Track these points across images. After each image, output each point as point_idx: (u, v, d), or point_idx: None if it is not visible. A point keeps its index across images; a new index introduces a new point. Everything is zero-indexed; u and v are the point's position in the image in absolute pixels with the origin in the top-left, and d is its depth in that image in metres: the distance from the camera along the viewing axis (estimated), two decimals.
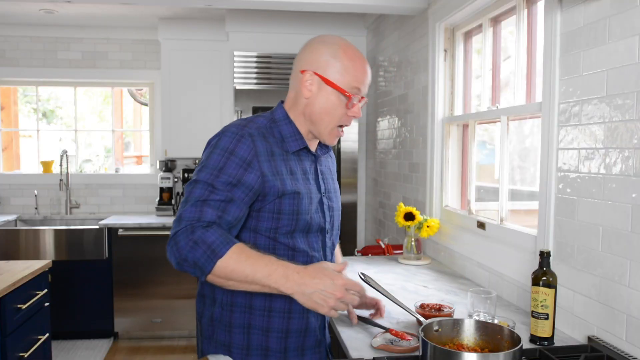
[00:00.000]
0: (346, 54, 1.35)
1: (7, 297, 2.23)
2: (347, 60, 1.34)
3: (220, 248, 1.18)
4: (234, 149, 1.29)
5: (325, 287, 1.19)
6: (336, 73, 1.34)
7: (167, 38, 4.18)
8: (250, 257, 1.20)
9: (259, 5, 2.99)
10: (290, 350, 1.40)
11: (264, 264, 1.19)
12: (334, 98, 1.34)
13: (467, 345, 1.32)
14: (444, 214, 2.72)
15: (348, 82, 1.34)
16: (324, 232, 1.45)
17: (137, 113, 5.87)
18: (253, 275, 1.19)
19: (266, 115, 1.43)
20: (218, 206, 1.24)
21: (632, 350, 1.35)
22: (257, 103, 4.47)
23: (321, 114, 1.36)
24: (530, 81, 2.07)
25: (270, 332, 1.38)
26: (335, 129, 1.39)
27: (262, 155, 1.31)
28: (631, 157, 1.36)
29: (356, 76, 1.34)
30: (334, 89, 1.34)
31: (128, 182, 4.65)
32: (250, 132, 1.32)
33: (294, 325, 1.40)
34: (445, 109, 2.74)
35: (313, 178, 1.43)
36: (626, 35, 1.37)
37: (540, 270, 1.50)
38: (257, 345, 1.38)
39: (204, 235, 1.18)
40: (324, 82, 1.34)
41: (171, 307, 4.03)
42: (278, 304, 1.38)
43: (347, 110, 1.36)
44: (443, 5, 2.63)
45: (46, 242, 3.91)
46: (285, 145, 1.38)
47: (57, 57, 4.50)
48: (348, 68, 1.34)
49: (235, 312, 1.38)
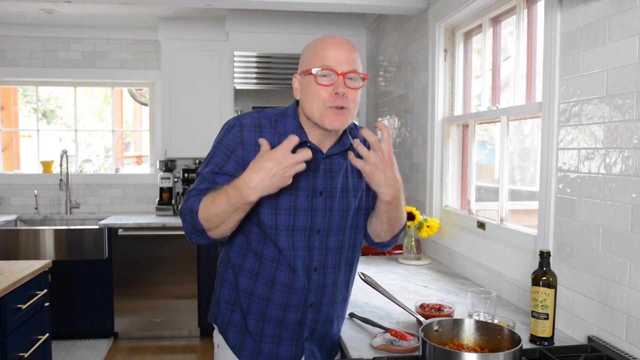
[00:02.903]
0: (316, 41, 1.38)
1: (7, 297, 2.23)
2: (316, 46, 1.37)
3: (194, 205, 1.32)
4: (222, 138, 1.41)
5: (270, 168, 1.22)
6: (307, 61, 1.37)
7: (167, 38, 4.18)
8: (211, 197, 1.30)
9: (259, 5, 2.99)
10: (266, 336, 1.46)
11: (221, 196, 1.28)
12: (310, 82, 1.36)
13: (467, 345, 1.32)
14: (444, 214, 2.72)
15: (314, 62, 1.34)
16: (312, 232, 1.42)
17: (137, 113, 5.88)
18: (221, 209, 1.28)
19: (280, 109, 1.47)
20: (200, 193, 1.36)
21: (632, 350, 1.35)
22: (257, 103, 4.48)
23: (306, 101, 1.38)
24: (530, 81, 2.07)
25: (249, 314, 1.46)
26: (327, 110, 1.34)
27: (249, 144, 1.37)
28: (631, 157, 1.36)
29: (324, 55, 1.33)
30: (306, 75, 1.36)
31: (128, 182, 4.65)
32: (242, 122, 1.40)
33: (271, 313, 1.44)
34: (445, 109, 2.74)
35: (310, 175, 1.40)
36: (626, 35, 1.37)
37: (540, 270, 1.50)
38: (236, 323, 1.48)
39: (186, 205, 1.35)
40: (302, 75, 1.38)
41: (171, 307, 4.03)
42: (259, 290, 1.44)
43: (326, 87, 1.32)
44: (443, 5, 2.63)
45: (46, 242, 3.91)
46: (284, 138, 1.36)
47: (57, 57, 4.49)
48: (315, 49, 1.36)
49: (224, 287, 1.50)
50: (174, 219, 4.19)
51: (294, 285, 1.42)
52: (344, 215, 1.46)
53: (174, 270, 4.02)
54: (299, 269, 1.42)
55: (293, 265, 1.41)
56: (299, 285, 1.42)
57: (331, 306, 1.50)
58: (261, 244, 1.42)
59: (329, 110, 1.34)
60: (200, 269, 4.04)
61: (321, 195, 1.42)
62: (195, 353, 3.84)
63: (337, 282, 1.50)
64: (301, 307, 1.45)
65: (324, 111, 1.34)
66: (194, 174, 4.30)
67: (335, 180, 1.45)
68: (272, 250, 1.41)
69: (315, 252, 1.44)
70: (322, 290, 1.47)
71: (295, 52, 4.05)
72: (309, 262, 1.43)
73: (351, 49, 1.37)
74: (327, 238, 1.45)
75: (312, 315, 1.47)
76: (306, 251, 1.43)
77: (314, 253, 1.44)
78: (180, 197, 4.44)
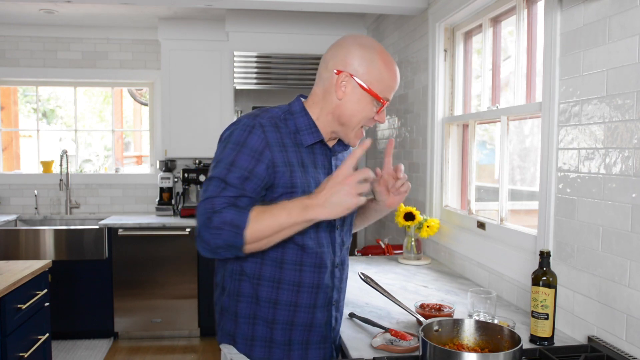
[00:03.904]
0: (382, 60, 1.35)
1: (7, 297, 2.23)
2: (383, 67, 1.34)
3: (240, 220, 1.21)
4: (245, 140, 1.30)
5: (332, 187, 1.19)
6: (372, 78, 1.33)
7: (167, 38, 4.19)
8: (267, 211, 1.22)
9: (259, 5, 2.99)
10: (294, 343, 1.41)
11: (280, 210, 1.21)
12: (367, 102, 1.35)
13: (467, 345, 1.32)
14: (444, 214, 2.72)
15: (381, 89, 1.35)
16: (333, 228, 1.44)
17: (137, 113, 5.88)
18: (278, 224, 1.21)
19: (282, 107, 1.43)
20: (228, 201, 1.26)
21: (632, 350, 1.35)
22: (257, 103, 4.48)
23: (351, 116, 1.36)
24: (530, 81, 2.07)
25: (276, 324, 1.39)
26: (359, 130, 1.40)
27: (274, 145, 1.32)
28: (631, 157, 1.36)
29: (389, 84, 1.36)
30: (368, 93, 1.34)
31: (128, 182, 4.65)
32: (262, 123, 1.33)
33: (300, 319, 1.40)
34: (445, 109, 2.74)
35: (325, 172, 1.42)
36: (626, 35, 1.37)
37: (540, 270, 1.50)
38: (261, 336, 1.40)
39: (222, 217, 1.21)
40: (358, 86, 1.34)
41: (171, 307, 4.03)
42: (284, 296, 1.38)
43: (374, 112, 1.37)
44: (443, 5, 2.63)
45: (46, 242, 3.91)
46: (299, 137, 1.37)
47: (57, 57, 4.50)
48: (383, 75, 1.34)
49: (241, 302, 1.40)
50: (174, 219, 4.19)
51: (320, 285, 1.41)
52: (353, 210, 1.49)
53: (174, 270, 4.02)
54: (327, 267, 1.41)
55: (320, 263, 1.39)
56: (326, 282, 1.42)
57: (344, 300, 1.55)
58: (281, 249, 1.36)
59: (360, 130, 1.40)
60: (200, 269, 4.04)
61: None
62: (195, 353, 3.84)
63: (347, 275, 1.55)
64: (327, 306, 1.44)
65: (358, 131, 1.40)
66: (194, 174, 4.29)
67: None
68: (294, 253, 1.37)
69: (337, 248, 1.46)
70: (341, 287, 1.50)
71: (295, 52, 4.05)
72: (334, 259, 1.45)
73: None
74: (343, 233, 1.48)
75: (335, 313, 1.49)
76: (330, 247, 1.43)
77: (337, 249, 1.46)
78: (180, 197, 4.44)
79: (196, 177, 4.29)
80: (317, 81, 1.41)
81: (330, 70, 1.35)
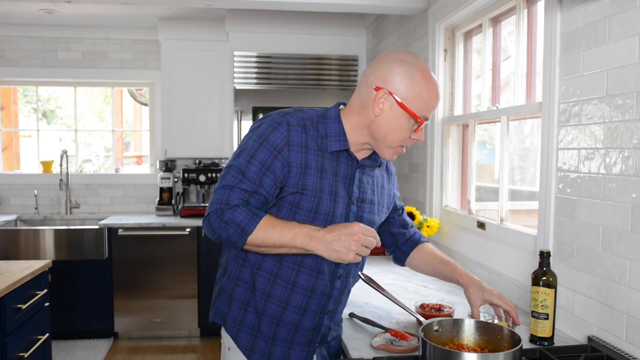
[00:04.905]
0: (423, 78, 1.32)
1: (7, 297, 2.23)
2: (424, 86, 1.31)
3: (248, 226, 1.29)
4: (268, 135, 1.33)
5: (342, 234, 1.25)
6: (410, 96, 1.31)
7: (167, 38, 4.18)
8: (276, 226, 1.30)
9: (259, 5, 2.99)
10: (278, 339, 1.43)
11: (288, 230, 1.29)
12: (404, 120, 1.33)
13: (467, 345, 1.32)
14: (444, 214, 2.72)
15: (421, 107, 1.32)
16: None
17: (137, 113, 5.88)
18: (280, 241, 1.29)
19: (319, 111, 1.43)
20: (243, 195, 1.31)
21: (632, 350, 1.35)
22: (257, 103, 4.47)
23: (387, 133, 1.35)
24: (530, 81, 2.07)
25: (264, 316, 1.42)
26: (398, 148, 1.38)
27: (295, 145, 1.33)
28: (631, 157, 1.36)
29: (429, 103, 1.33)
30: (405, 112, 1.32)
31: (128, 182, 4.65)
32: (289, 121, 1.35)
33: (288, 317, 1.42)
34: (445, 109, 2.74)
35: (346, 182, 1.40)
36: (626, 35, 1.37)
37: (540, 270, 1.50)
38: (249, 324, 1.43)
39: (233, 216, 1.29)
40: (396, 104, 1.32)
41: (171, 307, 4.03)
42: (277, 291, 1.40)
43: (413, 132, 1.35)
44: (443, 5, 2.63)
45: (46, 242, 3.91)
46: (326, 142, 1.37)
47: (57, 57, 4.50)
48: (423, 94, 1.31)
49: (239, 286, 1.44)
50: (174, 219, 4.19)
51: (315, 289, 1.41)
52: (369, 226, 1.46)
53: (174, 270, 4.02)
54: (325, 273, 1.41)
55: (319, 268, 1.39)
56: (321, 289, 1.41)
57: (341, 312, 1.55)
58: None
59: (399, 149, 1.39)
60: (200, 269, 4.04)
61: (354, 204, 1.43)
62: (195, 353, 3.84)
63: (350, 290, 1.54)
64: (319, 313, 1.44)
65: (395, 148, 1.38)
66: (194, 174, 4.29)
67: (366, 191, 1.46)
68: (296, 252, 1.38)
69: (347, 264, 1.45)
70: (340, 299, 1.49)
71: (295, 52, 4.05)
72: (335, 269, 1.43)
73: None
74: None
75: (327, 322, 1.48)
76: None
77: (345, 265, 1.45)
78: (180, 197, 4.44)
79: (196, 177, 4.29)
80: (356, 92, 1.41)
81: (370, 86, 1.34)
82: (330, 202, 1.36)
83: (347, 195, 1.41)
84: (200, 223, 3.99)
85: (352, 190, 1.41)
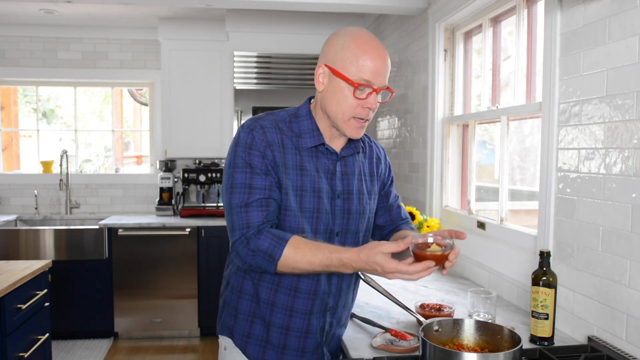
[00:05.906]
0: (356, 42, 1.29)
1: (7, 297, 2.23)
2: (356, 49, 1.29)
3: (275, 252, 1.28)
4: (251, 142, 1.33)
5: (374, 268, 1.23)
6: (344, 63, 1.30)
7: (167, 38, 4.18)
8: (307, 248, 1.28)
9: (259, 5, 2.99)
10: (289, 349, 1.42)
11: (321, 255, 1.27)
12: (343, 88, 1.31)
13: (467, 345, 1.32)
14: (444, 214, 2.72)
15: (356, 72, 1.29)
16: (332, 235, 1.41)
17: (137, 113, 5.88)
18: (312, 269, 1.29)
19: (291, 110, 1.44)
20: (260, 205, 1.30)
21: (632, 350, 1.35)
22: (257, 103, 4.47)
23: (332, 105, 1.34)
24: (530, 81, 2.07)
25: (272, 326, 1.41)
26: (352, 120, 1.34)
27: (274, 145, 1.34)
28: (631, 157, 1.36)
29: (364, 66, 1.28)
30: (341, 79, 1.30)
31: (128, 182, 4.65)
32: (262, 124, 1.35)
33: (295, 324, 1.41)
34: (445, 109, 2.74)
35: (328, 177, 1.40)
36: (626, 35, 1.37)
37: (540, 270, 1.50)
38: (257, 335, 1.42)
39: (258, 244, 1.29)
40: (332, 74, 1.31)
41: (171, 307, 4.03)
42: (281, 299, 1.39)
43: (358, 101, 1.31)
44: (443, 5, 2.63)
45: (46, 242, 3.91)
46: (301, 140, 1.37)
47: (57, 57, 4.49)
48: (356, 57, 1.28)
49: (242, 299, 1.43)
50: (174, 219, 4.19)
51: (317, 291, 1.41)
52: (360, 217, 1.46)
53: (174, 270, 4.02)
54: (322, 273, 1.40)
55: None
56: (322, 289, 1.41)
57: (344, 309, 1.53)
58: None
59: (354, 121, 1.35)
60: (200, 269, 4.04)
61: (339, 197, 1.42)
62: (195, 353, 3.84)
63: (350, 284, 1.52)
64: (322, 312, 1.44)
65: (348, 121, 1.34)
66: (194, 174, 4.29)
67: (351, 182, 1.45)
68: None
69: None
70: (339, 294, 1.48)
71: (295, 52, 4.05)
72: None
73: (387, 58, 1.35)
74: (345, 241, 1.45)
75: (330, 319, 1.48)
76: None
77: None
78: (180, 197, 4.44)
79: (196, 177, 4.29)
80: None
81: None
82: (313, 199, 1.36)
83: (331, 189, 1.40)
84: (200, 223, 4.00)
85: (336, 184, 1.41)
